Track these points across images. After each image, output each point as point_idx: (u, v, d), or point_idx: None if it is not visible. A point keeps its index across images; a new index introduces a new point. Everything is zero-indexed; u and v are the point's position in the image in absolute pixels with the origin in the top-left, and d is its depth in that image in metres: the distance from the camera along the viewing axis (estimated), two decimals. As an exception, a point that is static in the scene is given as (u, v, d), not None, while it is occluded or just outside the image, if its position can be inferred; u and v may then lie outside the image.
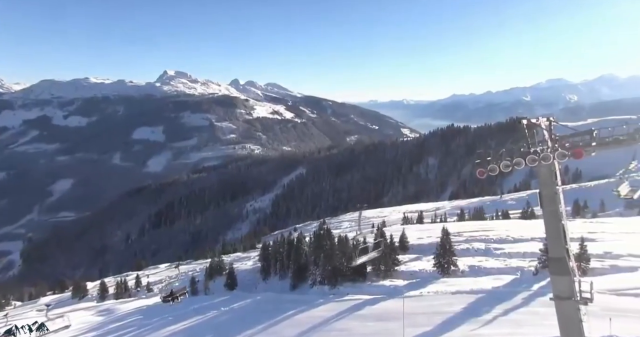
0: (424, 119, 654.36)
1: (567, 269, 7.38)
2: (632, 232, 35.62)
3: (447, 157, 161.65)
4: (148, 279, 58.61)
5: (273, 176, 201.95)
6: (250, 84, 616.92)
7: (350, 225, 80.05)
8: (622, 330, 16.40)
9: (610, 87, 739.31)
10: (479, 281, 26.74)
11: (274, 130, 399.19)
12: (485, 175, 7.60)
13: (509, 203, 78.42)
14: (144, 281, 57.21)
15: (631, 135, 7.28)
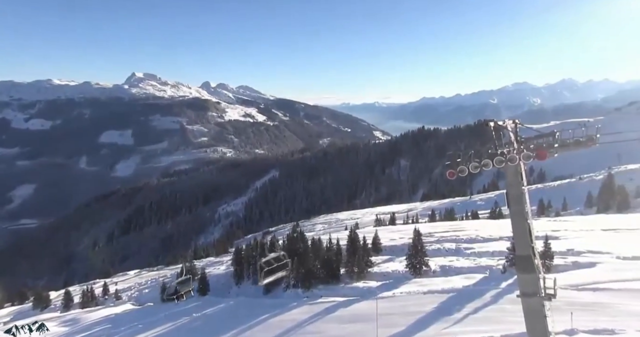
0: (396, 121, 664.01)
1: (532, 266, 7.60)
2: (591, 229, 37.21)
3: (418, 159, 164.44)
4: (116, 286, 56.74)
5: (246, 179, 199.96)
6: (222, 86, 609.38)
7: (323, 227, 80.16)
8: (582, 323, 17.26)
9: (571, 91, 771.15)
10: (450, 280, 27.28)
11: (246, 133, 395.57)
12: (455, 176, 7.75)
13: (478, 203, 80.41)
14: (112, 288, 55.34)
15: (589, 137, 7.58)
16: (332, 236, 38.62)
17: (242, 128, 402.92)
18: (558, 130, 7.81)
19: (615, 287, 21.74)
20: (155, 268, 75.66)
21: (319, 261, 32.37)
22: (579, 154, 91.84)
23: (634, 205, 60.34)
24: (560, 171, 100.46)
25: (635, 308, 18.85)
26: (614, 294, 20.91)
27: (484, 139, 7.78)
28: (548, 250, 25.83)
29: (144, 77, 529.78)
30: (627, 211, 56.76)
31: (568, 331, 16.58)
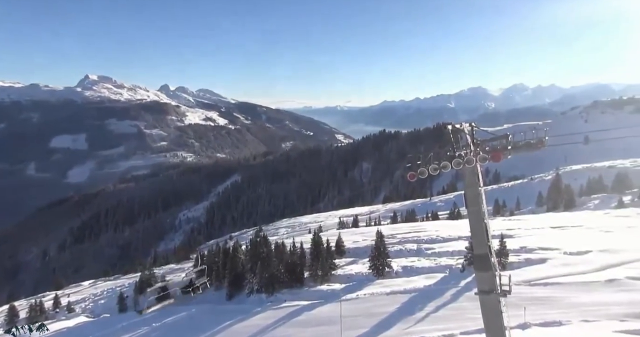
0: (358, 124, 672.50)
1: (489, 265, 7.84)
2: (542, 227, 39.09)
3: (380, 161, 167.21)
4: (69, 298, 53.80)
5: (207, 184, 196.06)
6: (182, 89, 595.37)
7: (287, 231, 79.76)
8: (534, 317, 18.20)
9: (522, 96, 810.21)
10: (411, 281, 27.80)
11: (207, 137, 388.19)
12: (415, 178, 7.86)
13: (438, 204, 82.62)
14: (63, 300, 52.46)
15: (539, 140, 7.93)
16: (295, 239, 38.45)
17: (203, 132, 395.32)
18: (510, 133, 8.13)
19: (563, 281, 22.98)
20: (112, 277, 72.50)
21: (283, 265, 32.12)
22: (530, 156, 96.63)
23: (578, 203, 64.06)
24: (513, 172, 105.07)
25: (579, 300, 20.03)
26: (562, 287, 22.09)
27: (443, 142, 7.96)
28: (503, 248, 26.88)
29: (98, 80, 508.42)
30: (573, 209, 60.11)
31: (521, 324, 17.37)
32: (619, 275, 22.23)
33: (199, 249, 72.11)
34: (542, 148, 8.00)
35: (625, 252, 26.27)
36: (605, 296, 20.04)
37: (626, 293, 19.96)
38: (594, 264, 24.93)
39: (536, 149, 8.04)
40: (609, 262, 24.96)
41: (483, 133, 8.48)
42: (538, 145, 7.99)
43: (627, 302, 18.89)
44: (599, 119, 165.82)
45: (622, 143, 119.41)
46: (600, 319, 17.63)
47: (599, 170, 78.58)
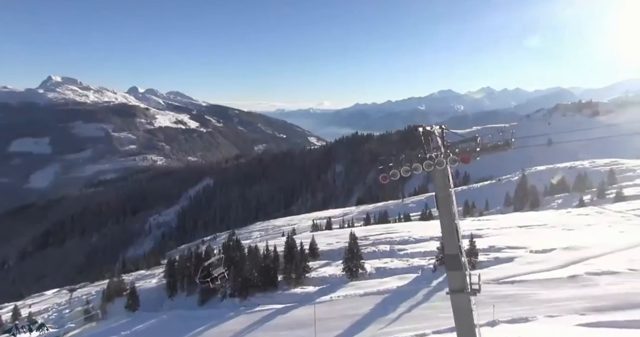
0: (330, 127, 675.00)
1: (460, 264, 8.01)
2: (509, 227, 40.29)
3: (353, 164, 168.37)
4: (30, 309, 51.41)
5: (178, 188, 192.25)
6: (151, 92, 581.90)
7: (260, 235, 79.10)
8: (503, 314, 18.78)
9: (489, 99, 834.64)
10: (385, 282, 28.06)
11: (178, 140, 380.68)
12: (387, 180, 7.94)
13: (410, 206, 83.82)
14: (24, 312, 50.08)
15: (506, 142, 8.18)
16: (269, 242, 38.19)
17: (174, 135, 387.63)
18: (479, 135, 8.34)
19: (529, 278, 23.77)
20: (77, 285, 69.78)
21: (256, 268, 31.83)
22: (498, 157, 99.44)
23: (543, 203, 66.45)
24: (482, 174, 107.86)
25: (545, 296, 20.78)
26: (528, 285, 22.85)
27: (414, 144, 8.05)
28: (473, 248, 27.54)
29: (62, 81, 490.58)
30: (538, 208, 62.28)
31: (490, 322, 17.85)
32: (580, 271, 23.18)
33: (170, 254, 70.56)
34: (509, 149, 8.25)
35: (586, 249, 27.40)
36: (568, 291, 20.86)
37: (586, 288, 20.86)
38: (557, 262, 25.89)
39: (503, 150, 8.29)
40: (571, 259, 25.98)
41: (453, 135, 8.65)
42: (505, 147, 8.24)
43: (587, 297, 19.75)
44: (561, 122, 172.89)
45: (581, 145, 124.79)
46: (563, 314, 18.35)
47: (562, 171, 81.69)
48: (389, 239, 39.01)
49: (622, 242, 28.27)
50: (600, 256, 25.85)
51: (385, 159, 8.12)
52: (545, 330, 16.61)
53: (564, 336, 14.98)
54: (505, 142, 8.21)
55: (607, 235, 32.00)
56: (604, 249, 27.01)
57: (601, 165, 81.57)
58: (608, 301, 18.80)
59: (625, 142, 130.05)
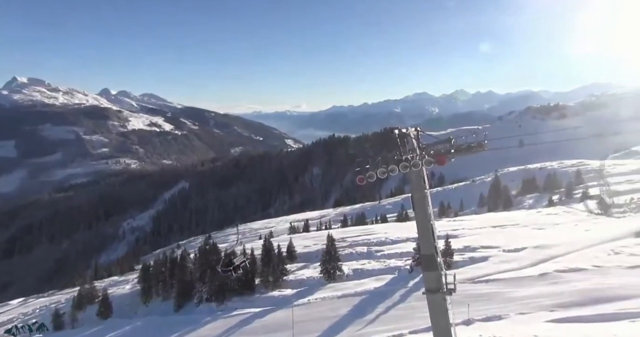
0: (307, 129, 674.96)
1: (436, 264, 8.11)
2: (483, 227, 41.25)
3: (330, 166, 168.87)
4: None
5: (153, 192, 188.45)
6: (124, 94, 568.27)
7: (237, 238, 78.33)
8: (477, 312, 19.16)
9: (463, 101, 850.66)
10: (362, 283, 28.22)
11: (152, 143, 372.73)
12: (364, 182, 7.96)
13: (387, 207, 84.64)
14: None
15: (479, 143, 8.35)
16: (246, 246, 37.87)
17: (148, 138, 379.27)
18: (453, 137, 8.49)
19: (502, 277, 24.38)
20: (45, 294, 67.22)
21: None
22: (472, 158, 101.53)
23: (515, 203, 68.23)
24: (457, 175, 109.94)
25: (516, 294, 21.38)
26: (501, 283, 23.43)
27: (390, 146, 8.11)
28: (448, 248, 28.02)
29: (28, 83, 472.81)
30: (511, 208, 63.91)
31: (466, 321, 18.20)
32: (549, 269, 23.94)
33: (145, 259, 69.01)
34: (482, 151, 8.42)
35: (554, 248, 28.31)
36: (538, 289, 21.49)
37: (555, 285, 21.55)
38: (529, 260, 26.65)
39: (477, 152, 8.46)
40: (541, 257, 26.79)
41: (428, 137, 8.78)
42: (478, 149, 8.41)
43: (556, 293, 20.41)
44: (531, 124, 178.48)
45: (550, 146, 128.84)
46: (534, 311, 18.91)
47: (532, 171, 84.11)
48: (366, 241, 39.27)
49: (588, 240, 29.32)
50: (568, 253, 26.76)
51: (361, 161, 8.15)
52: (517, 327, 17.03)
53: (534, 333, 15.39)
54: (479, 143, 8.37)
55: (574, 233, 33.16)
56: (571, 247, 27.97)
57: (569, 166, 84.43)
58: (574, 297, 19.47)
59: (591, 143, 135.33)
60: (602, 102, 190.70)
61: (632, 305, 17.22)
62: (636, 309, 16.66)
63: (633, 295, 18.22)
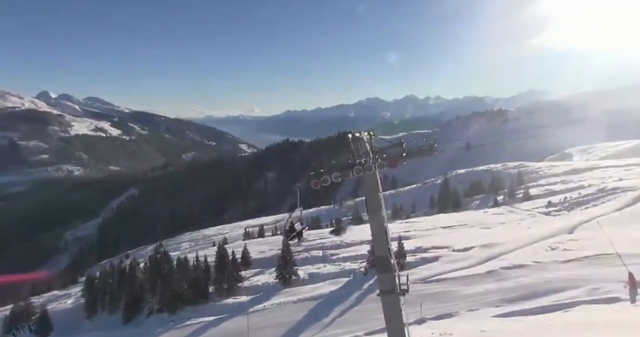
0: (261, 134, 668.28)
1: (389, 266, 8.24)
2: (434, 228, 42.71)
3: (285, 170, 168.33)
4: None
5: (99, 200, 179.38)
6: (66, 97, 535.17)
7: (190, 245, 76.10)
8: (429, 311, 19.88)
9: (413, 106, 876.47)
10: (318, 287, 28.29)
11: (97, 148, 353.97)
12: (319, 186, 7.97)
13: (342, 211, 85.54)
14: None
15: (429, 147, 8.61)
16: (199, 253, 36.88)
17: (93, 143, 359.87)
18: (404, 140, 8.71)
19: (452, 276, 25.31)
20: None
21: (186, 281, 30.54)
22: (423, 161, 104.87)
23: (463, 204, 71.15)
24: (409, 178, 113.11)
25: (466, 292, 22.28)
26: (451, 282, 24.31)
27: (344, 150, 8.18)
28: (401, 249, 28.73)
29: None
30: (460, 209, 66.54)
31: (418, 320, 18.73)
32: (495, 266, 25.13)
33: (90, 271, 65.35)
34: (432, 154, 8.70)
35: (500, 246, 29.76)
36: (485, 286, 22.49)
37: (500, 282, 22.65)
38: (476, 259, 27.83)
39: (427, 155, 8.71)
40: (488, 255, 28.07)
41: (380, 141, 8.94)
42: (429, 152, 8.65)
43: (501, 290, 21.48)
44: (477, 128, 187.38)
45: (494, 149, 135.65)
46: (482, 307, 19.79)
47: (479, 173, 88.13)
48: (322, 245, 39.47)
49: (529, 238, 31.09)
50: (512, 251, 28.22)
51: (316, 165, 8.15)
52: (467, 323, 17.71)
53: (482, 328, 16.07)
54: (429, 147, 8.60)
55: (517, 232, 35.05)
56: (514, 245, 29.51)
57: (511, 167, 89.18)
58: (518, 292, 20.58)
59: (530, 146, 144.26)
60: (539, 108, 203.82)
61: (566, 296, 18.50)
62: (569, 300, 17.91)
63: (566, 287, 19.53)
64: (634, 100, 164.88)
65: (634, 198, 39.28)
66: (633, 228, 28.15)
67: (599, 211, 37.85)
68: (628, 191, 44.02)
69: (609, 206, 39.90)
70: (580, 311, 16.17)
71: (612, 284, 18.22)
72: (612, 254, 20.08)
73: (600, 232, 22.24)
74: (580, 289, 18.76)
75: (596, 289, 18.36)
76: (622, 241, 22.13)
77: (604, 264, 21.47)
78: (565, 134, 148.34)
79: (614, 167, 72.19)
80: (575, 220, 35.38)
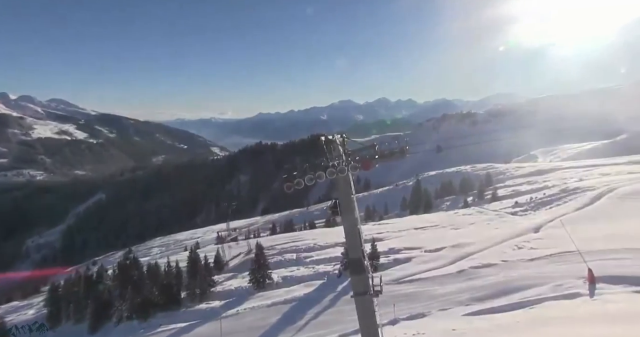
0: (234, 137, 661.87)
1: (363, 268, 8.33)
2: (406, 229, 43.31)
3: (257, 173, 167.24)
4: None
5: (64, 205, 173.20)
6: (27, 99, 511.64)
7: (161, 250, 74.41)
8: (402, 311, 20.15)
9: (385, 109, 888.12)
10: (292, 290, 28.21)
11: (62, 152, 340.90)
12: (292, 189, 7.96)
13: (315, 213, 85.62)
14: None
15: (401, 149, 8.76)
16: (170, 258, 36.10)
17: (57, 147, 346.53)
18: (377, 143, 8.83)
19: (424, 276, 25.75)
20: None
21: (157, 287, 29.83)
22: (396, 164, 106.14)
23: (435, 205, 72.51)
24: (382, 180, 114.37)
25: (438, 292, 22.71)
26: (424, 282, 24.73)
27: (317, 153, 8.22)
28: (375, 251, 29.01)
29: None
30: (431, 210, 67.79)
31: (392, 320, 18.97)
32: (465, 266, 25.73)
33: (54, 279, 62.79)
34: (404, 156, 8.85)
35: (470, 246, 30.50)
36: (456, 285, 23.00)
37: (470, 281, 23.22)
38: (448, 259, 28.42)
39: (400, 157, 8.86)
40: (458, 255, 28.71)
41: (353, 143, 9.03)
42: (401, 154, 8.81)
43: (471, 288, 22.02)
44: (447, 130, 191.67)
45: (464, 150, 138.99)
46: (453, 307, 20.23)
47: (449, 175, 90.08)
48: (295, 248, 39.39)
49: (497, 237, 32.00)
50: (481, 251, 28.97)
51: (289, 167, 8.16)
52: (438, 323, 18.07)
53: (453, 327, 16.46)
54: (401, 149, 8.74)
55: (486, 232, 35.98)
56: (483, 244, 30.31)
57: (480, 169, 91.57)
58: (487, 291, 21.15)
59: (498, 147, 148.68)
60: (507, 111, 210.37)
61: (531, 293, 19.19)
62: (534, 297, 18.61)
63: (532, 285, 20.25)
64: (595, 104, 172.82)
65: (592, 198, 41.00)
66: (592, 226, 29.44)
67: (562, 211, 39.31)
68: (587, 191, 45.90)
69: (570, 205, 41.50)
70: (545, 307, 16.83)
71: (574, 280, 19.03)
72: (574, 251, 21.03)
73: (563, 230, 23.16)
74: (545, 286, 19.47)
75: (559, 285, 19.11)
76: (583, 239, 23.14)
77: (566, 261, 22.36)
78: (530, 136, 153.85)
79: (575, 168, 75.27)
80: (540, 219, 36.62)
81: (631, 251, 21.25)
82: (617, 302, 15.46)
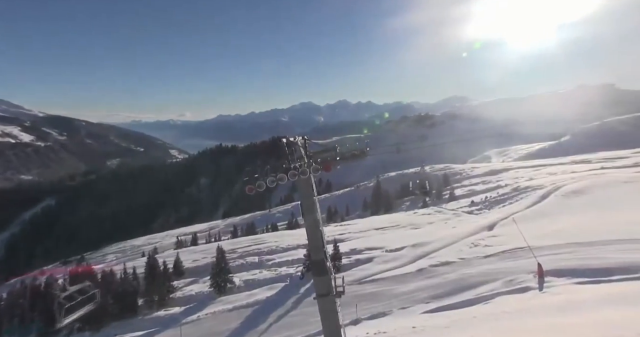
0: (193, 139, 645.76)
1: (325, 269, 8.36)
2: (367, 230, 43.93)
3: (218, 176, 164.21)
4: None
5: (7, 212, 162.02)
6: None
7: (117, 257, 71.43)
8: (364, 311, 20.49)
9: (346, 111, 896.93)
10: (254, 294, 27.88)
11: (5, 156, 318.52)
12: (254, 191, 7.88)
13: (277, 216, 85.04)
14: None
15: (362, 150, 8.89)
16: (126, 265, 34.74)
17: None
18: (338, 145, 8.91)
19: (385, 276, 26.19)
20: None
21: (111, 294, 28.58)
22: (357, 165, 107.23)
23: (395, 206, 73.99)
24: (343, 181, 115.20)
25: (398, 291, 23.18)
26: (385, 282, 25.15)
27: (279, 155, 8.18)
28: (337, 252, 29.20)
29: None
30: (392, 211, 69.12)
31: (354, 320, 19.19)
32: (425, 265, 26.42)
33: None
34: (364, 157, 8.98)
35: (429, 245, 31.34)
36: (416, 284, 23.56)
37: (429, 279, 23.87)
38: (408, 258, 29.05)
39: (360, 158, 8.99)
40: (418, 254, 29.42)
41: (315, 145, 9.06)
42: (362, 155, 8.94)
43: (430, 286, 22.65)
44: (406, 132, 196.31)
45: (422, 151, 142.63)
46: (413, 305, 20.72)
47: (409, 176, 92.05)
48: (257, 250, 38.98)
49: (454, 236, 33.09)
50: (439, 249, 29.84)
51: (250, 170, 8.07)
52: (399, 321, 18.45)
53: (413, 324, 16.86)
54: (361, 150, 8.88)
55: (444, 231, 37.12)
56: (441, 243, 31.24)
57: (438, 170, 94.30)
58: (445, 288, 21.82)
59: (455, 148, 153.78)
60: (462, 113, 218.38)
61: (486, 289, 20.02)
62: (488, 292, 19.44)
63: (486, 281, 21.10)
64: (541, 107, 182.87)
65: (541, 196, 43.30)
66: (541, 223, 31.07)
67: (514, 208, 41.24)
68: (537, 189, 48.43)
69: (522, 203, 43.63)
70: (498, 302, 17.59)
71: (525, 275, 20.01)
72: (525, 247, 22.11)
73: (515, 228, 24.28)
74: (498, 282, 20.34)
75: (511, 280, 20.02)
76: (533, 235, 24.38)
77: (518, 257, 23.45)
78: (484, 138, 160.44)
79: (525, 168, 79.15)
80: (494, 218, 38.21)
81: (572, 245, 22.67)
82: (562, 294, 16.41)
